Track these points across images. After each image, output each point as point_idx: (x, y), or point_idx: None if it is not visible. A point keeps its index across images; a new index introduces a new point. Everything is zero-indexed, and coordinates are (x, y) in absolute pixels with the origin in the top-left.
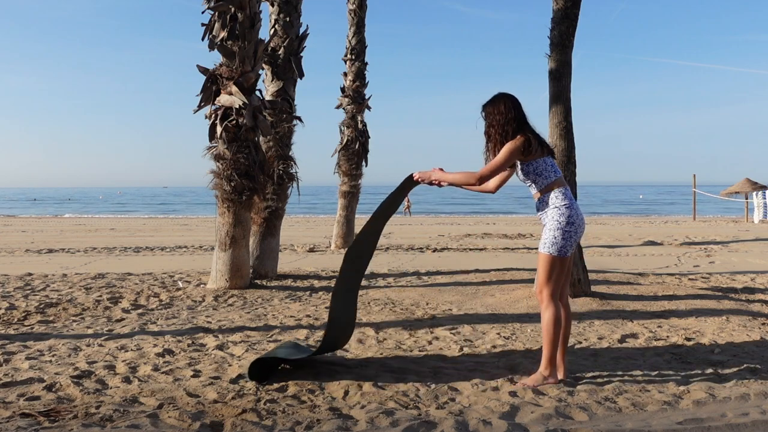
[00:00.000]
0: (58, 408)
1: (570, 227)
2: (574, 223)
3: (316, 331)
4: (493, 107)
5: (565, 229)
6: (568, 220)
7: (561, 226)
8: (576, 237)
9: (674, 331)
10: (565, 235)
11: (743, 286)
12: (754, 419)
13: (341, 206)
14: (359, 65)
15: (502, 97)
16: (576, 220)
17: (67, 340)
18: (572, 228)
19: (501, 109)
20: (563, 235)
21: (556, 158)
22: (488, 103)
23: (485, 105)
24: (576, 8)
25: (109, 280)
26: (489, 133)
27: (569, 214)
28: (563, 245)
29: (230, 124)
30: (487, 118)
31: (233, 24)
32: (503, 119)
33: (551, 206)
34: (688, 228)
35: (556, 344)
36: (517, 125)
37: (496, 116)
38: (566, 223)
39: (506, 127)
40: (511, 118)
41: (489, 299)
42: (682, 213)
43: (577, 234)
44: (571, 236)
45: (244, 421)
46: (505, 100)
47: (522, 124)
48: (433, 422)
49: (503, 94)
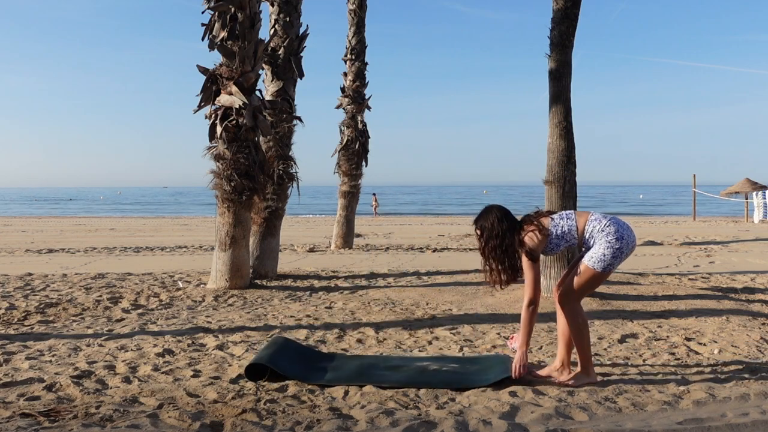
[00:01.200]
0: (58, 408)
1: (617, 243)
2: (622, 239)
3: (316, 331)
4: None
5: (613, 246)
6: (617, 236)
7: (611, 244)
8: (626, 254)
9: (674, 331)
10: (611, 251)
11: (743, 286)
12: (754, 419)
13: (341, 206)
14: (359, 65)
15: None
16: (626, 236)
17: (67, 340)
18: (620, 245)
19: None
20: (609, 252)
21: (557, 158)
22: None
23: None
24: (576, 8)
25: (109, 280)
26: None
27: (617, 230)
28: (610, 262)
29: (230, 124)
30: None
31: (233, 24)
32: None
33: (597, 232)
34: (688, 228)
35: (589, 345)
36: (510, 237)
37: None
38: (615, 239)
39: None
40: (502, 233)
41: (489, 299)
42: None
43: (627, 250)
44: (622, 253)
45: (244, 421)
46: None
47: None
48: (433, 422)
49: (487, 214)
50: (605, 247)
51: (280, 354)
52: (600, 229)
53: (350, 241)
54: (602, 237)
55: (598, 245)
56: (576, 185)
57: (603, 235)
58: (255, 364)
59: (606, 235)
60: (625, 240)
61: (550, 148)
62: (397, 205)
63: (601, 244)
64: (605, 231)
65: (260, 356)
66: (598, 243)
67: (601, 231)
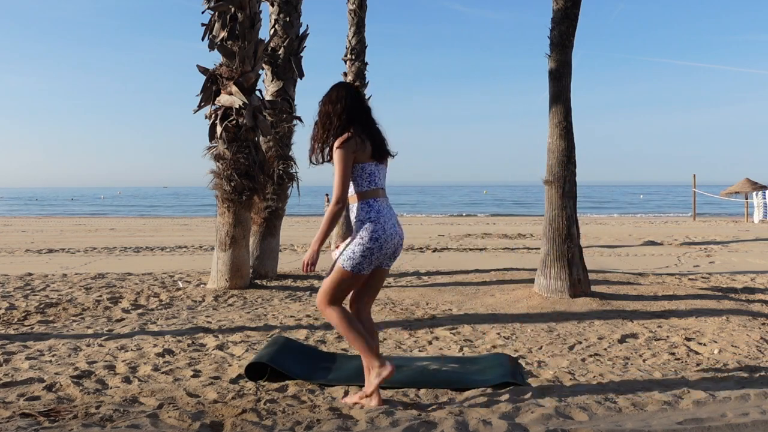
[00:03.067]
0: (58, 408)
1: (371, 243)
2: (378, 240)
3: (316, 331)
4: (325, 97)
5: (364, 245)
6: (371, 236)
7: (363, 242)
8: (378, 255)
9: (674, 331)
10: (360, 251)
11: (743, 286)
12: (754, 419)
13: None
14: (359, 65)
15: (335, 86)
16: (381, 236)
17: (67, 340)
18: (375, 244)
19: (332, 97)
20: (359, 250)
21: (557, 158)
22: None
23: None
24: (576, 8)
25: (109, 280)
26: (313, 128)
27: (372, 229)
28: (359, 262)
29: (230, 124)
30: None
31: (233, 24)
32: (331, 110)
33: (357, 219)
34: (688, 228)
35: (364, 340)
36: (347, 118)
37: (324, 106)
38: (368, 239)
39: (333, 119)
40: (340, 109)
41: (489, 299)
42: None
43: (380, 252)
44: (373, 253)
45: (244, 421)
46: (338, 89)
47: (352, 119)
48: (433, 422)
49: (338, 83)
50: (356, 243)
51: (281, 353)
52: (361, 219)
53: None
54: (359, 230)
55: (352, 240)
56: (576, 185)
57: (361, 228)
58: (255, 363)
59: (362, 230)
60: (379, 242)
61: (550, 148)
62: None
63: (355, 239)
64: (364, 224)
65: (260, 355)
66: (354, 236)
67: (361, 221)
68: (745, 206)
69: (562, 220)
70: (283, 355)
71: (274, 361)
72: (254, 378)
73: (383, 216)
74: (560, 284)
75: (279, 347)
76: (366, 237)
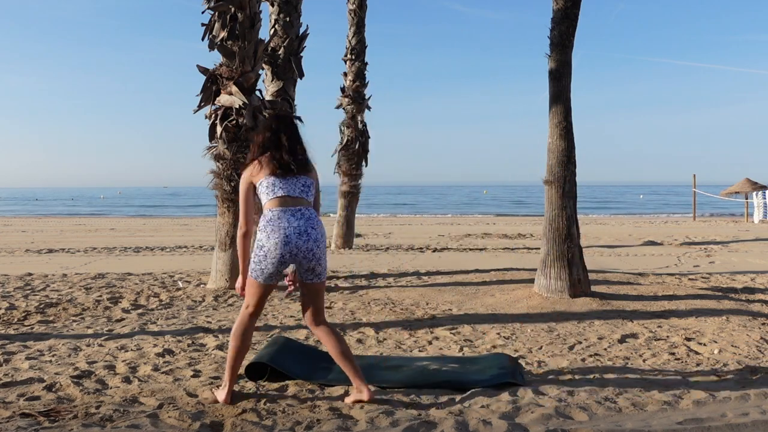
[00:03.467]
0: (58, 408)
1: (260, 251)
2: (262, 248)
3: None
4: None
5: (256, 253)
6: (257, 244)
7: (254, 250)
8: (268, 264)
9: (674, 331)
10: (255, 259)
11: (743, 286)
12: (754, 419)
13: (341, 206)
14: (359, 65)
15: (269, 117)
16: (265, 244)
17: (67, 340)
18: (261, 252)
19: (260, 128)
20: (254, 258)
21: (557, 158)
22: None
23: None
24: (576, 8)
25: (109, 280)
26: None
27: (259, 237)
28: (254, 269)
29: (230, 124)
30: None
31: (233, 24)
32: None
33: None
34: (688, 228)
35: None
36: (262, 148)
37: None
38: (257, 247)
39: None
40: (260, 140)
41: (489, 299)
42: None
43: (267, 260)
44: (261, 262)
45: (244, 421)
46: (270, 120)
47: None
48: (433, 422)
49: (272, 115)
50: (253, 252)
51: (281, 353)
52: (257, 229)
53: (350, 241)
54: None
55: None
56: (576, 185)
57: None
58: (255, 363)
59: (257, 239)
60: (263, 250)
61: (550, 148)
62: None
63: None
64: (258, 233)
65: (261, 355)
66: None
67: (259, 231)
68: (745, 206)
69: (562, 220)
70: (283, 355)
71: (274, 361)
72: (254, 378)
73: (273, 224)
74: (560, 284)
75: (279, 347)
76: (255, 246)
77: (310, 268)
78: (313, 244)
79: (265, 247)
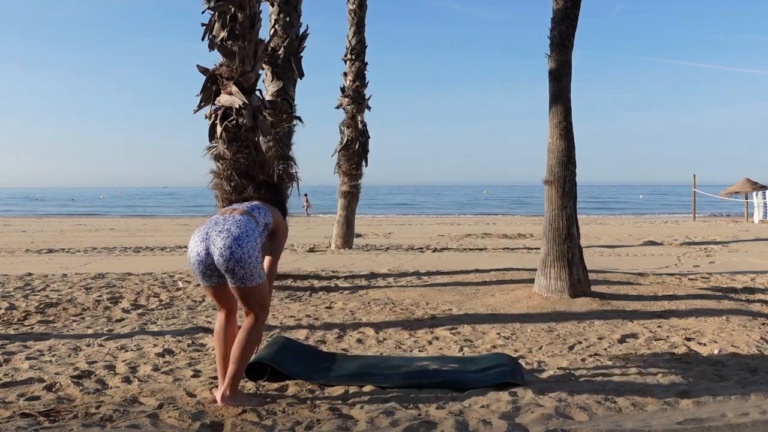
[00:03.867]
0: (58, 408)
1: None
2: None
3: (316, 331)
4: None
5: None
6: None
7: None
8: (191, 266)
9: (674, 331)
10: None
11: (743, 286)
12: (754, 419)
13: (341, 206)
14: (359, 65)
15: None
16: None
17: (67, 340)
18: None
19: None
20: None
21: (557, 158)
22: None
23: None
24: (576, 8)
25: (109, 280)
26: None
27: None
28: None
29: (230, 124)
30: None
31: (233, 24)
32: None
33: None
34: (688, 228)
35: (219, 350)
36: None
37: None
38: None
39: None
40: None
41: (489, 299)
42: (682, 213)
43: (190, 263)
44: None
45: (244, 421)
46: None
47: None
48: (433, 422)
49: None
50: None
51: (281, 353)
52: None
53: (350, 241)
54: None
55: None
56: (576, 185)
57: None
58: (255, 363)
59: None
60: (188, 252)
61: (550, 148)
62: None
63: None
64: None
65: (261, 356)
66: None
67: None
68: (745, 206)
69: (562, 220)
70: (283, 356)
71: (274, 361)
72: (254, 378)
73: (195, 235)
74: (560, 284)
75: (279, 347)
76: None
77: (215, 271)
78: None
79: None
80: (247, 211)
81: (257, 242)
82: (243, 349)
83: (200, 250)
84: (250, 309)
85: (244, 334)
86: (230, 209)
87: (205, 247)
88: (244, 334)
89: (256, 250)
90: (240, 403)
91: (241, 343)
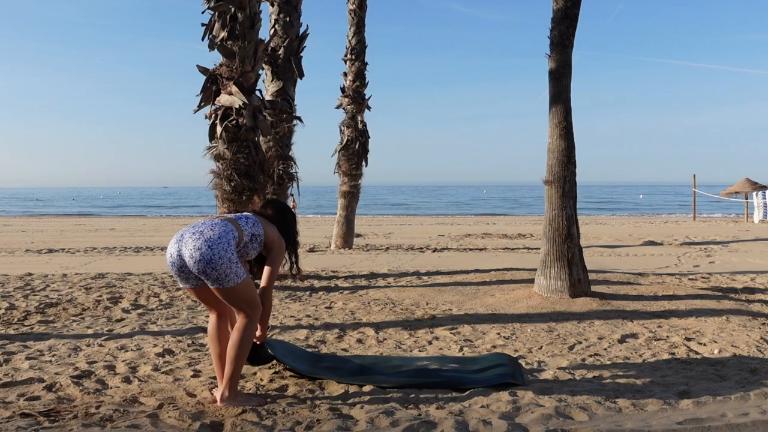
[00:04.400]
0: (58, 408)
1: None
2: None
3: (316, 331)
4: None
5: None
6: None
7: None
8: (168, 268)
9: (674, 331)
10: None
11: (743, 286)
12: (754, 419)
13: (341, 206)
14: (359, 65)
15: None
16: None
17: (67, 340)
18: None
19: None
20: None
21: (557, 158)
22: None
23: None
24: (576, 8)
25: (109, 280)
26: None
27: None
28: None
29: (230, 124)
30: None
31: (233, 24)
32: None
33: None
34: (688, 228)
35: (213, 348)
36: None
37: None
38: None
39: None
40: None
41: (489, 299)
42: (682, 213)
43: (167, 265)
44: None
45: (244, 421)
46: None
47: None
48: (433, 422)
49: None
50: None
51: (282, 352)
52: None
53: (350, 241)
54: None
55: None
56: (576, 185)
57: None
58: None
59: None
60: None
61: (550, 148)
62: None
63: None
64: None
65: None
66: None
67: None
68: (745, 206)
69: (562, 220)
70: (284, 352)
71: (276, 353)
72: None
73: (173, 240)
74: (560, 284)
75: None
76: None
77: (192, 273)
78: (184, 249)
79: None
80: (230, 218)
81: (230, 245)
82: (237, 350)
83: (173, 252)
84: (239, 309)
85: (237, 334)
86: (216, 216)
87: (177, 249)
88: (237, 334)
89: (229, 251)
90: (240, 403)
91: (235, 343)
